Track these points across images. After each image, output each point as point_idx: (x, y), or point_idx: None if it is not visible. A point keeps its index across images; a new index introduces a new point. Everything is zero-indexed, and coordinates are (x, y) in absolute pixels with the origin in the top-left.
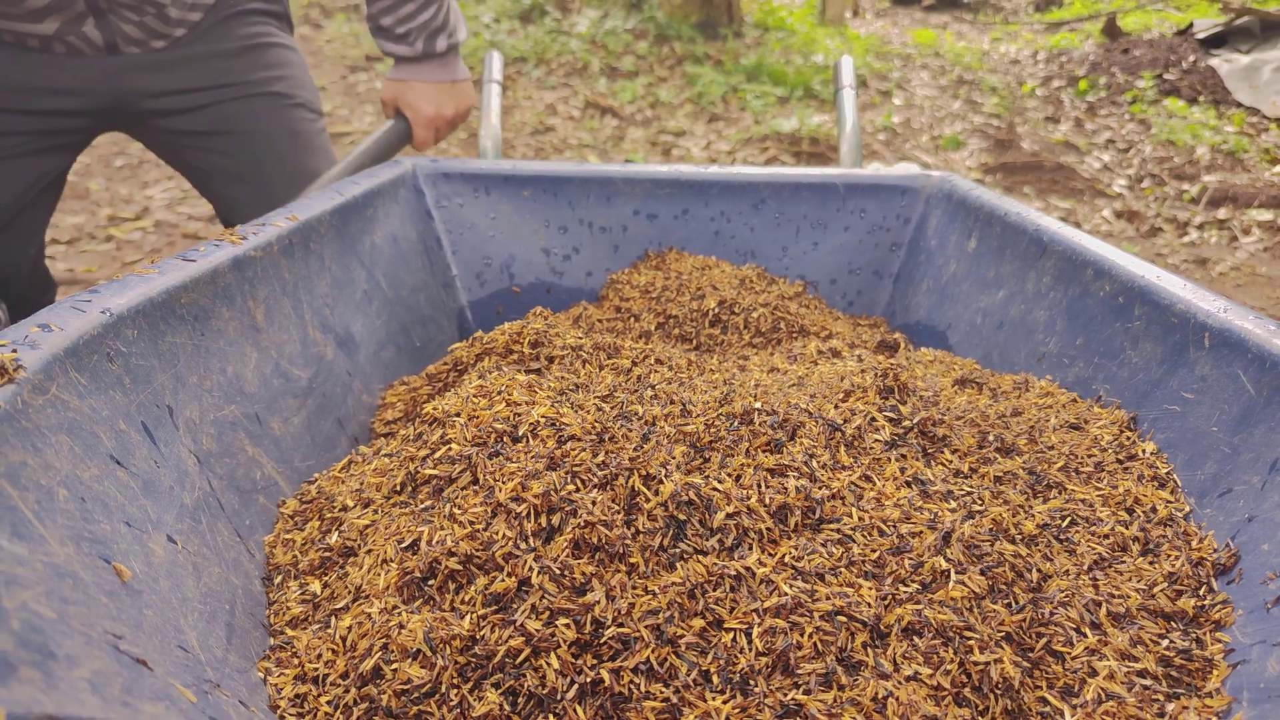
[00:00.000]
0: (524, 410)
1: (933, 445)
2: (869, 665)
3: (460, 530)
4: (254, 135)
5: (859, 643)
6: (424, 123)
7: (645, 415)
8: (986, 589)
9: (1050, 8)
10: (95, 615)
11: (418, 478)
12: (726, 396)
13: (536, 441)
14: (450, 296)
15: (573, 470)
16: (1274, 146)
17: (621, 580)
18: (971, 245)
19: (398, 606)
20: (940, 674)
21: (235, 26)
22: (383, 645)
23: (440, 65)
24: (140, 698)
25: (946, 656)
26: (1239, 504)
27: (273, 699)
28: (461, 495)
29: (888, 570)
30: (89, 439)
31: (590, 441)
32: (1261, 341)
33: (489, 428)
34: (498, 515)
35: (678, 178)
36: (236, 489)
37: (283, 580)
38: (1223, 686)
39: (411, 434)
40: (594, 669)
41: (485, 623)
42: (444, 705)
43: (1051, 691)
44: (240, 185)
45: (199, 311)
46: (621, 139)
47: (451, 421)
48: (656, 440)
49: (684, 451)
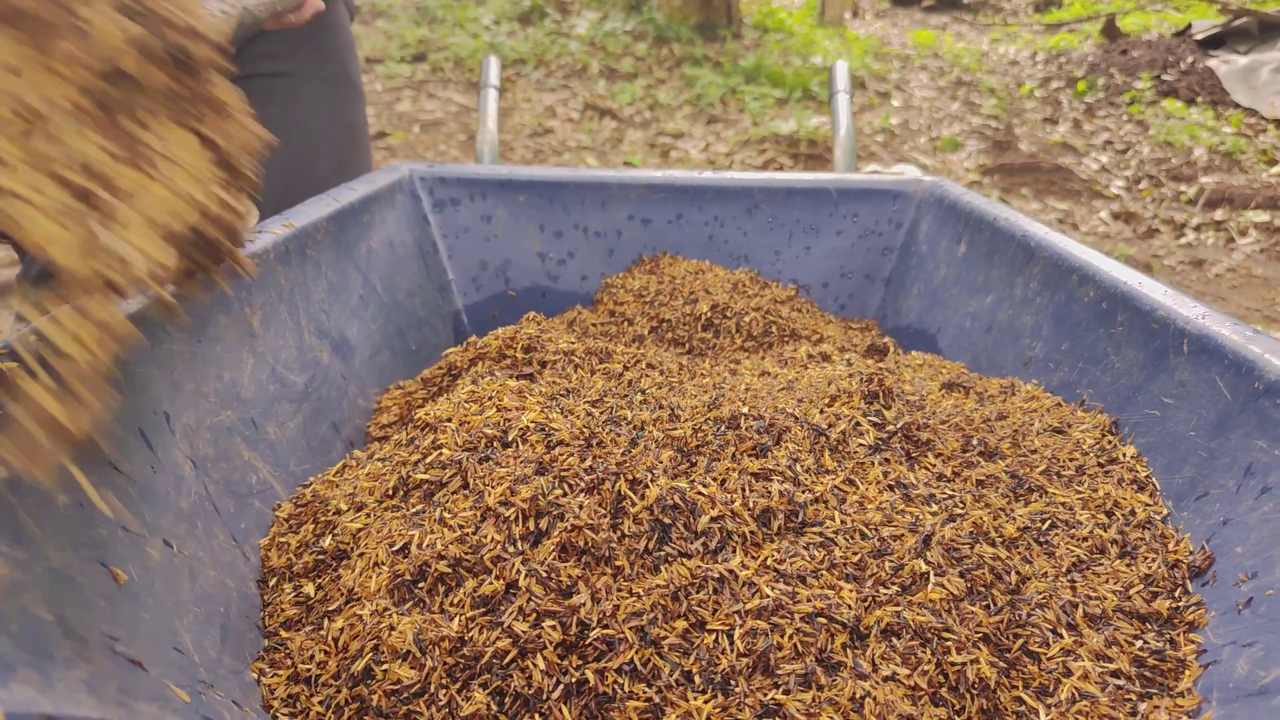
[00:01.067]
0: (514, 416)
1: (916, 449)
2: (848, 666)
3: (450, 534)
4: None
5: (838, 644)
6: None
7: (634, 420)
8: (965, 591)
9: (1049, 9)
10: (92, 618)
11: (409, 482)
12: (715, 401)
13: (526, 447)
14: (446, 301)
15: (560, 475)
16: (1271, 148)
17: (607, 583)
18: (961, 250)
19: (389, 608)
20: (918, 674)
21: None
22: (373, 646)
23: None
24: (136, 698)
25: (924, 657)
26: (1215, 507)
27: (266, 699)
28: (452, 499)
29: (868, 573)
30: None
31: (579, 446)
32: (1238, 347)
33: (479, 433)
34: (486, 519)
35: (672, 183)
36: (232, 493)
37: (277, 583)
38: (1194, 686)
39: (404, 439)
40: (579, 669)
41: (473, 624)
42: (433, 705)
43: (1027, 691)
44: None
45: (196, 319)
46: (620, 141)
47: (443, 427)
48: (644, 445)
49: (671, 456)
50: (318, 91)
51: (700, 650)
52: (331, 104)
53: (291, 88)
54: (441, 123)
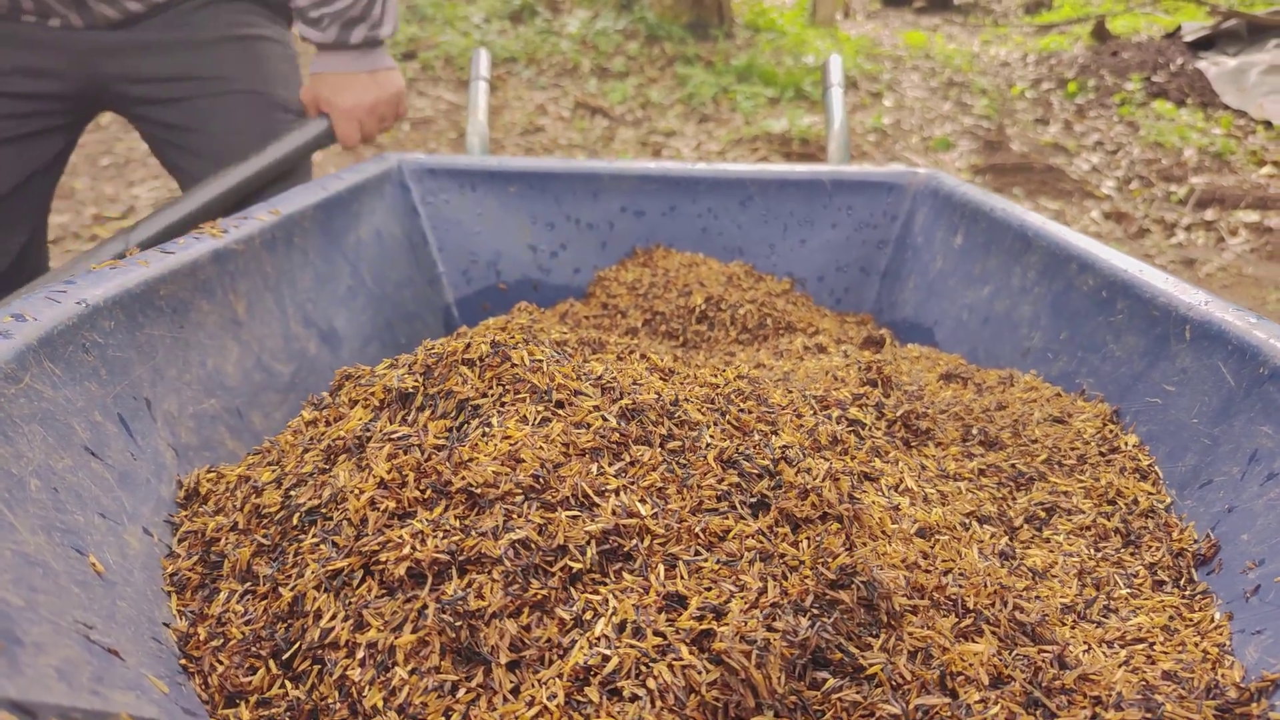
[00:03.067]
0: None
1: (916, 438)
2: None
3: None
4: (225, 136)
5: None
6: (342, 115)
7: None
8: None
9: (1040, 10)
10: (66, 604)
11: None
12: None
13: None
14: (436, 293)
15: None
16: (1260, 148)
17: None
18: (957, 241)
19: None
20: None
21: (220, 13)
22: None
23: (358, 56)
24: (111, 687)
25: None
26: (1219, 495)
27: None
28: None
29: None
30: (63, 430)
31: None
32: (1242, 333)
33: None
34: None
35: (665, 174)
36: None
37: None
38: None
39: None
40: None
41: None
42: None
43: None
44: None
45: (178, 304)
46: (612, 139)
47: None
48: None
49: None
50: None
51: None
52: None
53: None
54: (432, 120)
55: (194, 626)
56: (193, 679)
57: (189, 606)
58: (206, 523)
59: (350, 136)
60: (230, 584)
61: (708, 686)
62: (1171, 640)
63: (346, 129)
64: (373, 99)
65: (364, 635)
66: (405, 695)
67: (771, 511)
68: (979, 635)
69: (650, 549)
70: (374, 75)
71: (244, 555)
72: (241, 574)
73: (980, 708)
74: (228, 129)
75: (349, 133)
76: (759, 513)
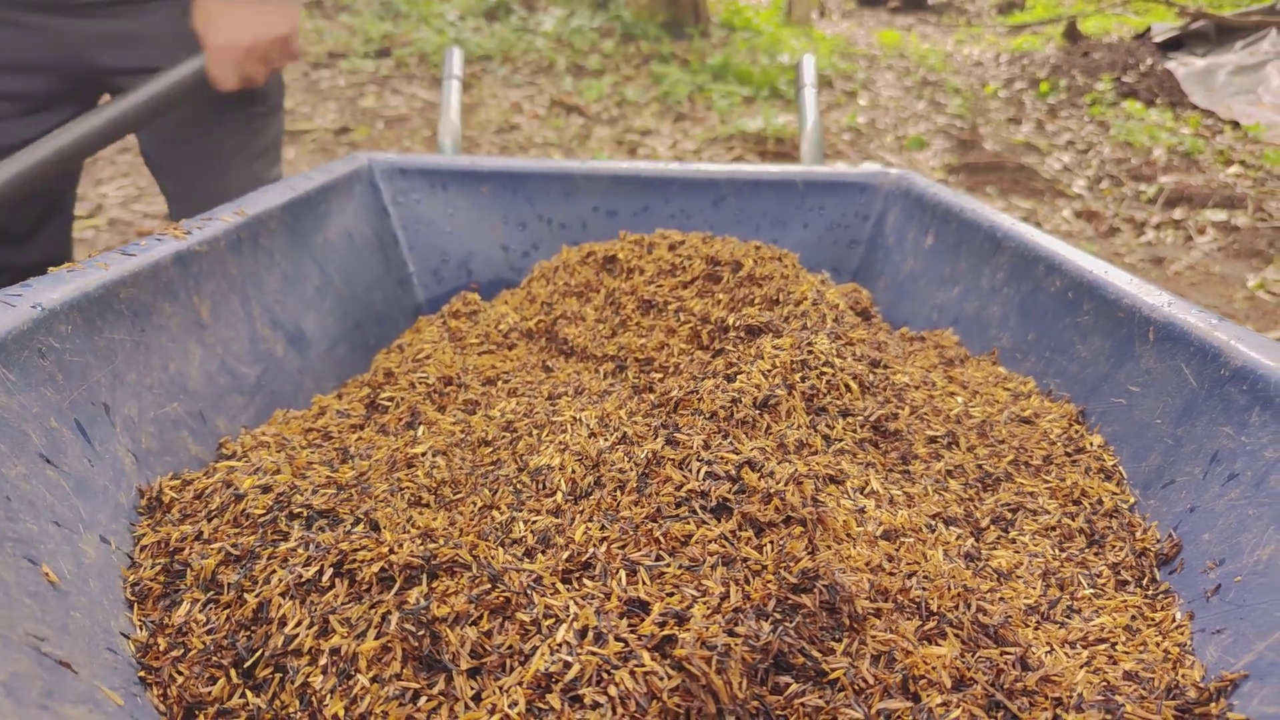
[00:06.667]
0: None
1: (885, 440)
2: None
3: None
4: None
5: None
6: (216, 53)
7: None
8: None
9: (1013, 11)
10: (16, 616)
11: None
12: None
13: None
14: (407, 294)
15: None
16: (1228, 148)
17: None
18: (928, 242)
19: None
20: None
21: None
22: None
23: None
24: (61, 701)
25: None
26: (1182, 495)
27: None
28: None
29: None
30: (16, 436)
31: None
32: (1204, 335)
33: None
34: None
35: (638, 174)
36: None
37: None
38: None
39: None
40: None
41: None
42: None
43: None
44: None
45: (139, 307)
46: (587, 138)
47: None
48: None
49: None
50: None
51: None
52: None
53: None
54: (406, 118)
55: (154, 637)
56: (150, 690)
57: (149, 616)
58: (170, 532)
59: (225, 78)
60: (194, 593)
61: (669, 693)
62: (1133, 640)
63: (221, 70)
64: (251, 39)
65: (328, 641)
66: (367, 704)
67: (735, 516)
68: (942, 638)
69: (609, 554)
70: (259, 9)
71: (209, 565)
72: (205, 583)
73: (942, 711)
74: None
75: (224, 74)
76: (721, 517)
